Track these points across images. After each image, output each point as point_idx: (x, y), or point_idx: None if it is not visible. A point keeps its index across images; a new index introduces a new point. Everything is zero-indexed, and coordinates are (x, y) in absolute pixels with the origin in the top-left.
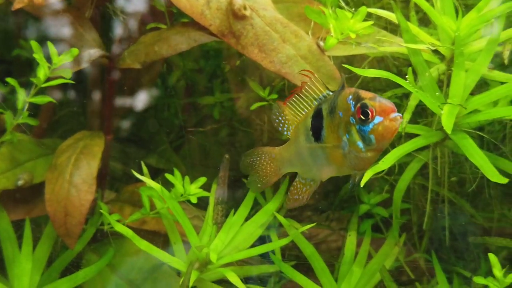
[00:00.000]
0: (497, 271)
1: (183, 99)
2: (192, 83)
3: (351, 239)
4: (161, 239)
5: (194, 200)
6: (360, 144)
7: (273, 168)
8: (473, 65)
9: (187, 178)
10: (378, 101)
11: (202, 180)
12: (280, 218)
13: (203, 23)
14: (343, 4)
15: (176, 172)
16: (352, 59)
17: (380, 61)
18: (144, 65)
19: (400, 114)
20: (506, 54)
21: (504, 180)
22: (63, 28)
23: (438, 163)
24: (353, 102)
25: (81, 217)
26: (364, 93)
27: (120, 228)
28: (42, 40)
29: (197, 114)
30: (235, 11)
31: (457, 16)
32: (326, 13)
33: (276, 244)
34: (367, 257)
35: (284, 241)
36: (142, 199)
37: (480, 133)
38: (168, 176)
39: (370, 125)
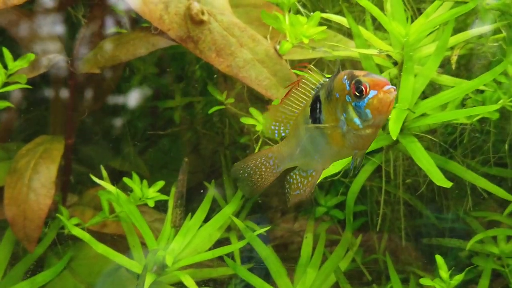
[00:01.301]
0: (444, 272)
1: (146, 103)
2: (156, 86)
3: (307, 241)
4: (126, 242)
5: (151, 203)
6: (357, 120)
7: (269, 169)
8: (422, 70)
9: (145, 182)
10: (371, 77)
11: (160, 184)
12: (236, 221)
13: (161, 28)
14: (302, 8)
15: (135, 176)
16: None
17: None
18: (104, 69)
19: (394, 87)
20: (454, 59)
21: (448, 184)
22: (24, 33)
23: (391, 166)
24: (348, 81)
25: (40, 221)
26: (357, 72)
27: (77, 232)
28: (2, 44)
29: (163, 117)
30: (193, 16)
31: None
32: (280, 18)
33: (231, 247)
34: (321, 258)
35: (239, 244)
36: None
37: (430, 136)
38: (126, 180)
39: (365, 100)
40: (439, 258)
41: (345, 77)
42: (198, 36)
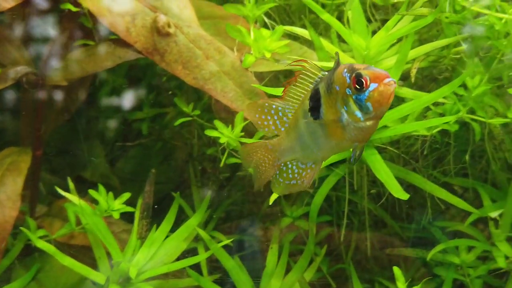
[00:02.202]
0: (401, 284)
1: (115, 114)
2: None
3: (273, 251)
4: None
5: (116, 216)
6: (358, 113)
7: (271, 160)
8: None
9: (111, 194)
10: (371, 70)
11: (126, 195)
12: (201, 232)
13: (128, 40)
14: (269, 20)
15: (101, 187)
16: None
17: None
18: (71, 81)
19: (394, 80)
20: (413, 72)
21: (405, 196)
22: None
23: (355, 177)
24: (348, 74)
25: (5, 233)
26: (358, 65)
27: (41, 244)
28: None
29: (133, 128)
30: (159, 29)
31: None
32: (244, 32)
33: (196, 258)
34: (285, 269)
35: (204, 256)
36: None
37: (392, 148)
38: (91, 192)
39: (366, 93)
40: (396, 270)
41: (345, 70)
42: (164, 48)
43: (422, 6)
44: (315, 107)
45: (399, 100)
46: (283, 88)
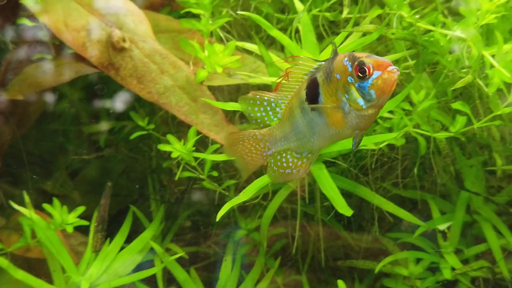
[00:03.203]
0: None
1: (74, 126)
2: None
3: (226, 264)
4: None
5: (69, 229)
6: (360, 101)
7: (259, 150)
8: None
9: (65, 207)
10: (373, 58)
11: (81, 209)
12: (154, 245)
13: (84, 55)
14: (226, 34)
15: (55, 201)
16: None
17: None
18: (28, 95)
19: (397, 67)
20: None
21: (349, 212)
22: None
23: (306, 190)
24: (350, 63)
25: None
26: (358, 54)
27: None
28: None
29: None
30: (114, 44)
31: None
32: (196, 46)
33: (150, 271)
34: (237, 281)
35: (157, 269)
36: None
37: (340, 162)
38: (46, 206)
39: (370, 80)
40: (340, 283)
41: (346, 59)
42: (119, 63)
43: (372, 22)
44: (312, 97)
45: None
46: (241, 102)
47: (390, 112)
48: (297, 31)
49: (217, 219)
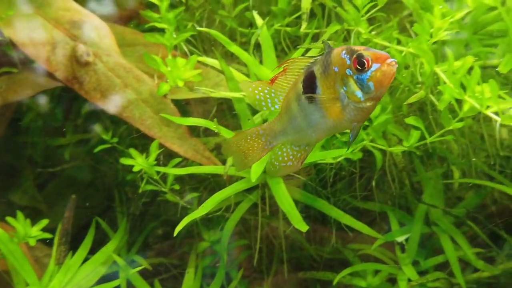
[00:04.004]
0: None
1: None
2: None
3: (189, 276)
4: None
5: (32, 242)
6: (359, 93)
7: (260, 145)
8: None
9: (28, 220)
10: (372, 51)
11: (44, 222)
12: (117, 258)
13: (49, 69)
14: (190, 47)
15: (19, 214)
16: None
17: None
18: None
19: (395, 60)
20: None
21: (305, 228)
22: None
23: (267, 202)
24: (348, 56)
25: None
26: (356, 47)
27: None
28: None
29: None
30: (78, 58)
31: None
32: (158, 61)
33: (112, 284)
34: None
35: (119, 281)
36: None
37: (298, 176)
38: (9, 219)
39: (368, 73)
40: None
41: (344, 52)
42: (84, 77)
43: (331, 37)
44: (310, 89)
45: None
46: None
47: None
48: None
49: (175, 234)
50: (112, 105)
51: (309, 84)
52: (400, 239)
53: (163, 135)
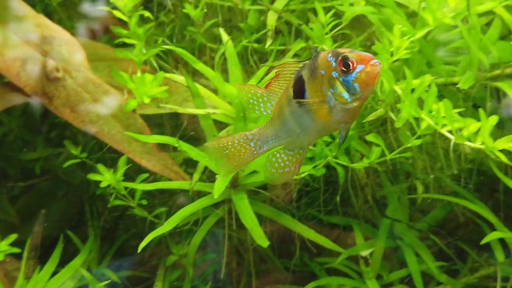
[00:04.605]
0: None
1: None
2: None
3: None
4: None
5: (1, 257)
6: (345, 95)
7: (249, 150)
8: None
9: None
10: (356, 53)
11: (13, 236)
12: (84, 272)
13: (18, 84)
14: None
15: None
16: None
17: None
18: None
19: (379, 61)
20: None
21: (266, 244)
22: None
23: (233, 216)
24: (333, 58)
25: None
26: (341, 50)
27: None
28: None
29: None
30: (48, 73)
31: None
32: (125, 77)
33: None
34: None
35: None
36: None
37: (263, 191)
38: None
39: (353, 74)
40: None
41: (330, 55)
42: (53, 92)
43: (297, 54)
44: (299, 94)
45: None
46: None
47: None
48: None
49: (139, 250)
50: (81, 120)
51: (299, 88)
52: (365, 253)
53: (132, 150)
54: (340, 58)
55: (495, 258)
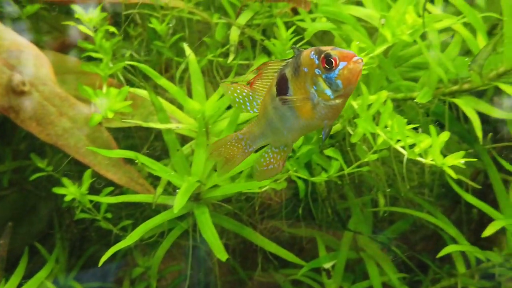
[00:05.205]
0: None
1: None
2: None
3: None
4: None
5: None
6: (328, 92)
7: (240, 149)
8: None
9: None
10: (339, 50)
11: None
12: (49, 285)
13: None
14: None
15: None
16: None
17: None
18: None
19: (362, 58)
20: None
21: (224, 258)
22: None
23: (197, 229)
24: (316, 56)
25: None
26: (324, 47)
27: None
28: None
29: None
30: (14, 87)
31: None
32: (90, 92)
33: None
34: None
35: None
36: None
37: (225, 205)
38: None
39: (336, 71)
40: None
41: (313, 52)
42: (19, 106)
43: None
44: (282, 92)
45: None
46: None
47: None
48: None
49: (100, 264)
50: (47, 133)
51: (282, 86)
52: (327, 265)
53: (98, 163)
54: (323, 55)
55: (456, 269)
